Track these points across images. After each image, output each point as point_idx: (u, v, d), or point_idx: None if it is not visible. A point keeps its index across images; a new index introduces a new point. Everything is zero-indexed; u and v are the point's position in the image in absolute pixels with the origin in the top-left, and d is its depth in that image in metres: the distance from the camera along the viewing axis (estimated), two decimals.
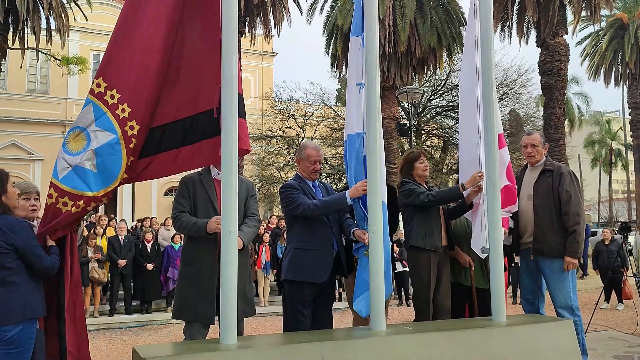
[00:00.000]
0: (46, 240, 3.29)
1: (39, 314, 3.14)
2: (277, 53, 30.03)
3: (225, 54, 2.95)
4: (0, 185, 3.14)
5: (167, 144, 3.48)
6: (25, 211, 3.52)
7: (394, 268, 4.67)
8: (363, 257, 3.66)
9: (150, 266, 10.83)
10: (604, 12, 21.80)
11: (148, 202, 24.87)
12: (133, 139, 3.34)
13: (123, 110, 3.33)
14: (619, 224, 19.99)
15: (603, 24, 26.54)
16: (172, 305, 3.82)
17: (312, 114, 24.94)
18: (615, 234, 11.68)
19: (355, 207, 3.79)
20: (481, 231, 4.29)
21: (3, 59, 14.71)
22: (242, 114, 3.38)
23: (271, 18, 18.83)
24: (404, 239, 11.81)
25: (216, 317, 3.49)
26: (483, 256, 4.27)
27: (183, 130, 3.46)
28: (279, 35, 19.70)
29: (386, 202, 3.59)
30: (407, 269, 11.73)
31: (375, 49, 3.33)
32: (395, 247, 11.11)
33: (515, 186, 4.63)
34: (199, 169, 3.85)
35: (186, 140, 3.46)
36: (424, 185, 4.63)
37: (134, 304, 10.98)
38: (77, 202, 3.30)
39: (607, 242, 11.15)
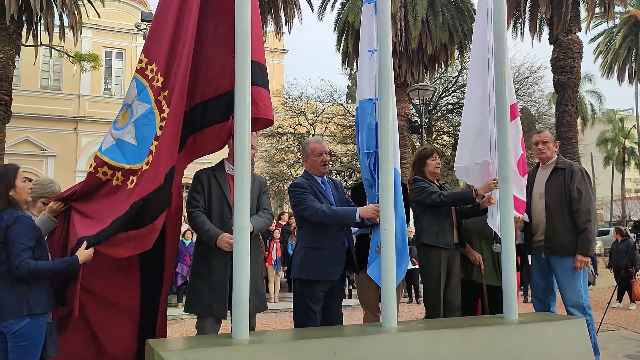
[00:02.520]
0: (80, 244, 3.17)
1: (42, 309, 3.09)
2: (287, 50, 30.00)
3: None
4: (7, 180, 3.14)
5: (210, 119, 3.54)
6: (40, 214, 3.56)
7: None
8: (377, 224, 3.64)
9: None
10: (617, 9, 21.60)
11: None
12: (165, 108, 3.35)
13: (157, 80, 3.38)
14: (631, 223, 19.79)
15: (617, 21, 26.24)
16: (185, 299, 3.85)
17: (323, 111, 24.90)
18: (631, 232, 11.58)
19: (365, 172, 3.74)
20: (492, 213, 4.31)
21: (17, 56, 14.81)
22: (263, 83, 3.41)
23: (282, 15, 18.83)
24: (414, 236, 11.79)
25: (228, 312, 3.52)
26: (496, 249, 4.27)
27: (223, 104, 3.49)
28: (289, 32, 19.69)
29: (399, 169, 3.57)
30: (416, 266, 11.70)
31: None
32: None
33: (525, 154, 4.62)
34: (213, 165, 3.88)
35: (228, 114, 3.50)
36: (436, 183, 4.63)
37: None
38: (117, 173, 3.31)
39: (619, 241, 11.08)
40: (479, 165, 4.48)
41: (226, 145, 3.85)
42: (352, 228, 4.13)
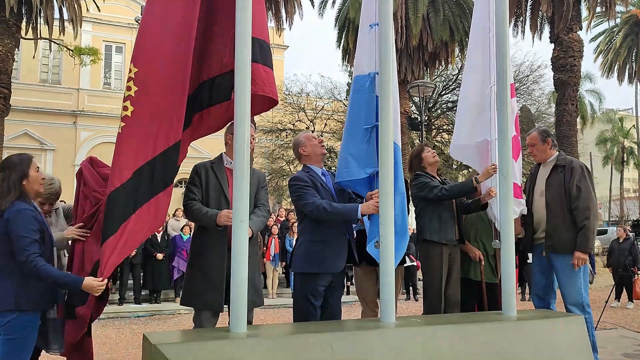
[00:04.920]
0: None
1: (31, 307, 3.03)
2: (288, 46, 29.94)
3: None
4: (21, 169, 3.09)
5: (216, 97, 3.52)
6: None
7: (403, 261, 4.64)
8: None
9: (160, 256, 10.89)
10: (619, 8, 21.57)
11: None
12: (132, 86, 3.24)
13: (130, 70, 3.28)
14: (629, 222, 19.78)
15: (618, 20, 26.23)
16: (181, 292, 3.83)
17: (322, 107, 24.88)
18: (630, 232, 11.61)
19: (356, 150, 3.71)
20: (493, 207, 4.32)
21: (16, 49, 14.75)
22: (264, 61, 3.41)
23: (283, 11, 18.79)
24: (413, 232, 11.82)
25: (225, 306, 3.51)
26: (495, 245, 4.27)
27: (229, 82, 3.43)
28: (290, 28, 19.66)
29: (399, 144, 3.56)
30: (414, 263, 11.71)
31: None
32: None
33: (519, 136, 4.62)
34: (212, 158, 3.86)
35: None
36: (437, 178, 4.61)
37: (143, 293, 11.06)
38: None
39: (621, 240, 11.09)
40: (477, 144, 4.45)
41: (225, 139, 3.84)
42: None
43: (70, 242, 3.52)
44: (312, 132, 22.98)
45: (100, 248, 3.11)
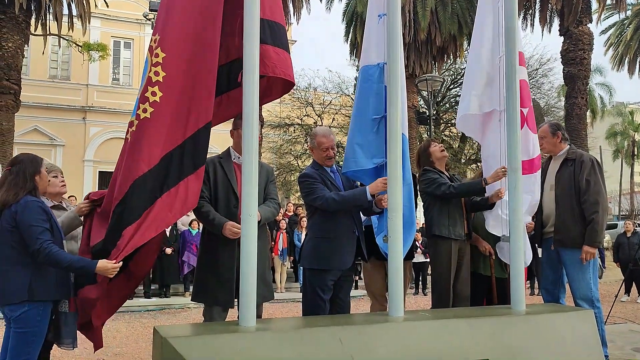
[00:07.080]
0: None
1: (45, 296, 3.08)
2: (295, 41, 29.87)
3: None
4: (36, 166, 3.23)
5: (234, 81, 3.52)
6: (57, 187, 3.63)
7: (412, 257, 4.65)
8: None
9: (169, 250, 10.93)
10: (629, 0, 21.32)
11: None
12: (160, 71, 3.27)
13: (157, 55, 3.29)
14: (639, 216, 19.61)
15: (628, 12, 25.90)
16: (192, 288, 3.85)
17: (330, 102, 24.86)
18: (638, 226, 11.53)
19: (361, 140, 3.74)
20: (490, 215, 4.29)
21: (26, 45, 14.85)
22: (274, 42, 3.41)
23: (290, 5, 18.75)
24: (421, 227, 11.80)
25: (235, 301, 3.52)
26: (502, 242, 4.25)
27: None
28: (297, 23, 19.61)
29: (407, 135, 3.56)
30: (427, 260, 11.69)
31: None
32: (419, 236, 11.04)
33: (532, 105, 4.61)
34: (220, 153, 3.86)
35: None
36: (445, 173, 4.60)
37: (152, 287, 11.12)
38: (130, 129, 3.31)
39: (628, 235, 11.02)
40: (485, 114, 4.44)
41: (231, 135, 3.84)
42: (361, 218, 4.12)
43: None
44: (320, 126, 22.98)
45: (121, 233, 3.11)
